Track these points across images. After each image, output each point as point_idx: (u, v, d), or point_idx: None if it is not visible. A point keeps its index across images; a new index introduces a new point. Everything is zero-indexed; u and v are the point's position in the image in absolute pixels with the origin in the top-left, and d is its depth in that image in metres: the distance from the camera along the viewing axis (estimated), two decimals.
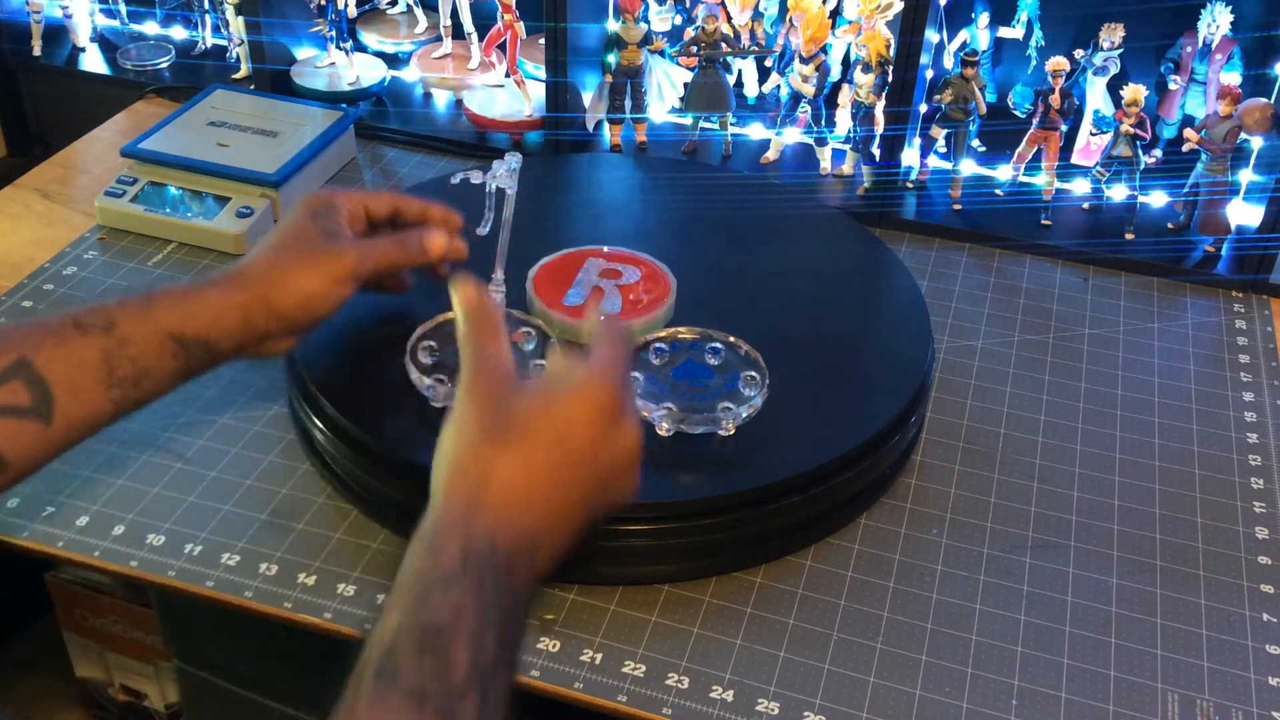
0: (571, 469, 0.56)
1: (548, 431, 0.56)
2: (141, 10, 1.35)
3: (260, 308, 0.69)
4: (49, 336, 0.63)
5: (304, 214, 0.74)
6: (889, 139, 1.06)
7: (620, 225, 0.98)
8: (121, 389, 0.64)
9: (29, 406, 0.61)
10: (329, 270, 0.71)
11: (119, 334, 0.64)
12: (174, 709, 1.11)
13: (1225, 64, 1.07)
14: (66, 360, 0.62)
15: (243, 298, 0.69)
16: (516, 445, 0.56)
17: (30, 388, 0.61)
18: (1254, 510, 0.80)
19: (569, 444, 0.56)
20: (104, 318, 0.64)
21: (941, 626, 0.71)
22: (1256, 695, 0.68)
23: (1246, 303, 1.00)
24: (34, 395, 0.61)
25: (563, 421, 0.57)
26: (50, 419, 0.62)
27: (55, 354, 0.62)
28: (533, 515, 0.55)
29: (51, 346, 0.62)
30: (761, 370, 0.77)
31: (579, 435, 0.57)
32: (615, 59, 1.11)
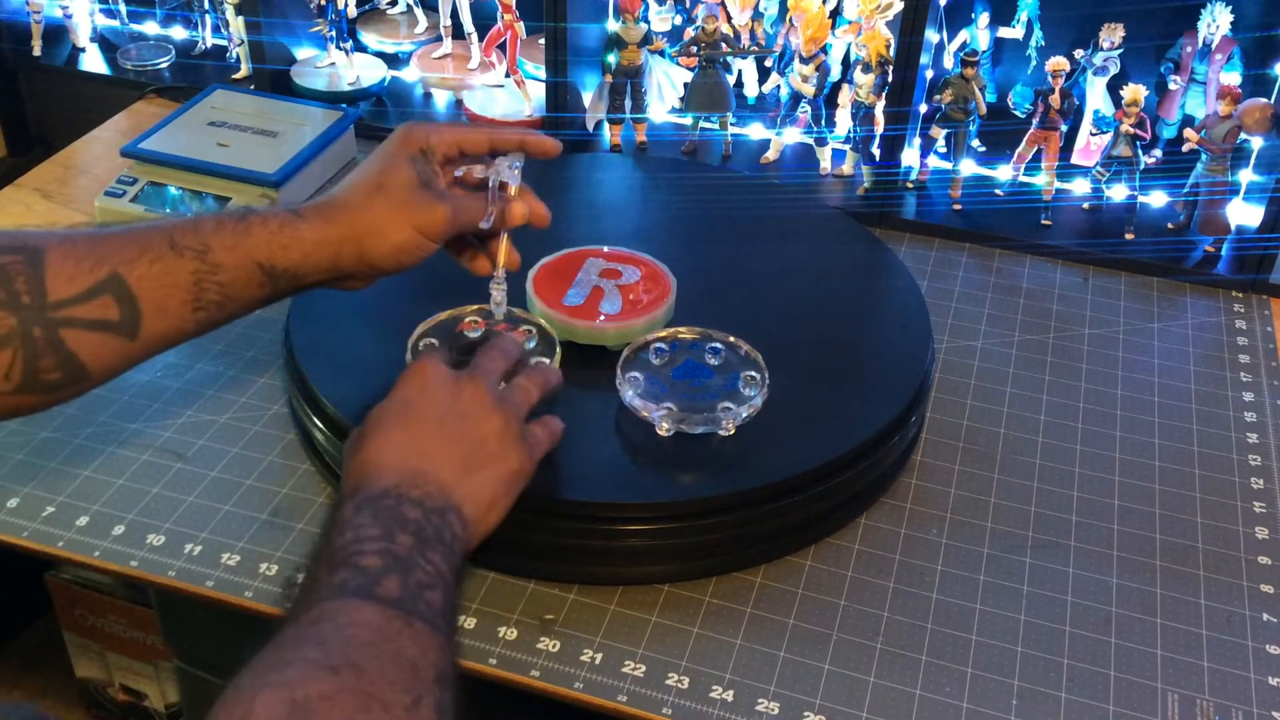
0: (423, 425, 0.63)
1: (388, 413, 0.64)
2: (141, 10, 1.35)
3: (352, 249, 0.69)
4: (145, 253, 0.63)
5: (403, 153, 0.72)
6: (889, 139, 1.06)
7: (620, 225, 0.98)
8: (206, 311, 0.66)
9: (117, 321, 0.63)
10: (424, 225, 0.70)
11: (212, 259, 0.65)
12: (174, 709, 1.11)
13: (1225, 64, 1.07)
14: (158, 280, 0.63)
15: (336, 234, 0.69)
16: (370, 432, 0.63)
17: (121, 304, 0.63)
18: (1254, 510, 0.80)
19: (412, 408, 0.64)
20: (199, 240, 0.65)
21: (941, 626, 0.71)
22: (1256, 695, 0.68)
23: (1246, 303, 1.00)
24: (123, 312, 0.63)
25: (400, 399, 0.65)
26: (135, 335, 0.64)
27: (148, 272, 0.63)
28: (405, 461, 0.61)
29: (146, 264, 0.63)
30: (761, 370, 0.77)
31: (418, 400, 0.64)
32: (615, 59, 1.11)
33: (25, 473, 0.79)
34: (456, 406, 0.64)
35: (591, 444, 0.75)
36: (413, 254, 0.71)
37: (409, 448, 0.62)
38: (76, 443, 0.81)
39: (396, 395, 0.65)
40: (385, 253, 0.70)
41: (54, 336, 0.61)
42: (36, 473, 0.79)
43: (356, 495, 0.59)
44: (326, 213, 0.70)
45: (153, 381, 0.86)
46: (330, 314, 0.84)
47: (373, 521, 0.56)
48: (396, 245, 0.70)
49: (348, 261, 0.70)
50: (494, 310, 0.79)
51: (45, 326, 0.61)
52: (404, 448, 0.62)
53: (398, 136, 0.73)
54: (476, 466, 0.63)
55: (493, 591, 0.71)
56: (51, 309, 0.61)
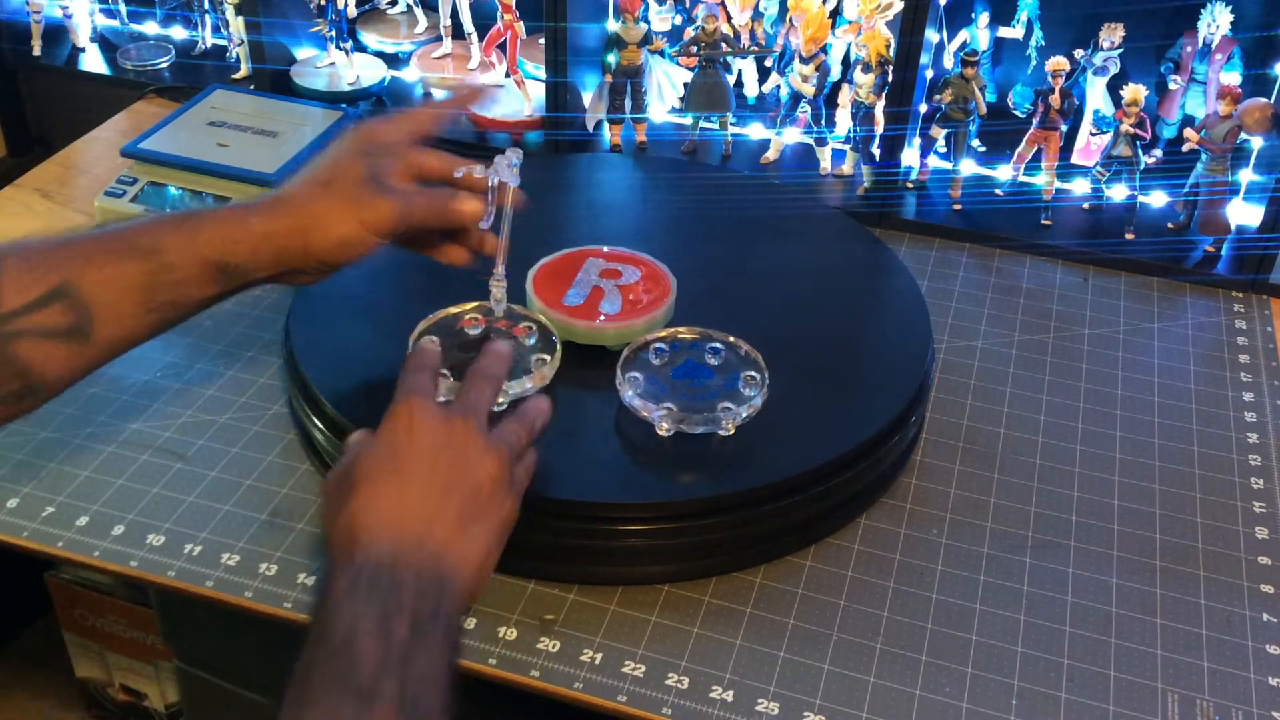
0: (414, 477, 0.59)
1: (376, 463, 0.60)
2: (141, 10, 1.35)
3: (298, 242, 0.70)
4: (94, 256, 0.64)
5: (353, 148, 0.73)
6: (889, 139, 1.06)
7: (620, 225, 0.98)
8: (159, 313, 0.66)
9: (68, 328, 0.63)
10: (367, 219, 0.70)
11: (164, 259, 0.65)
12: (174, 709, 1.11)
13: (1225, 64, 1.07)
14: (109, 284, 0.63)
15: (283, 227, 0.69)
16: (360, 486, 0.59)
17: (71, 311, 0.62)
18: (1254, 510, 0.80)
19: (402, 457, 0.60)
20: (153, 240, 0.65)
21: (941, 626, 0.71)
22: (1256, 695, 0.68)
23: (1246, 303, 1.00)
24: (74, 318, 0.63)
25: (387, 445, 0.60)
26: (88, 340, 0.63)
27: (99, 276, 0.63)
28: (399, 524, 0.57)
29: (96, 268, 0.63)
30: (761, 370, 0.77)
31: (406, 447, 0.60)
32: (615, 59, 1.11)
33: (25, 473, 0.79)
34: (448, 453, 0.60)
35: (591, 444, 0.75)
36: (357, 248, 0.71)
37: (401, 506, 0.58)
38: (76, 443, 0.81)
39: (383, 440, 0.61)
40: (330, 246, 0.70)
41: (5, 350, 0.61)
42: (36, 473, 0.79)
43: (349, 567, 0.55)
44: (274, 206, 0.70)
45: (152, 381, 0.86)
46: (330, 314, 0.84)
47: (367, 606, 0.53)
48: (340, 239, 0.70)
49: (294, 255, 0.70)
50: (494, 307, 0.79)
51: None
52: (396, 506, 0.58)
53: (349, 132, 0.75)
54: (470, 519, 0.59)
55: (493, 591, 0.71)
56: (3, 321, 0.61)
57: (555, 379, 0.77)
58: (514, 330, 0.79)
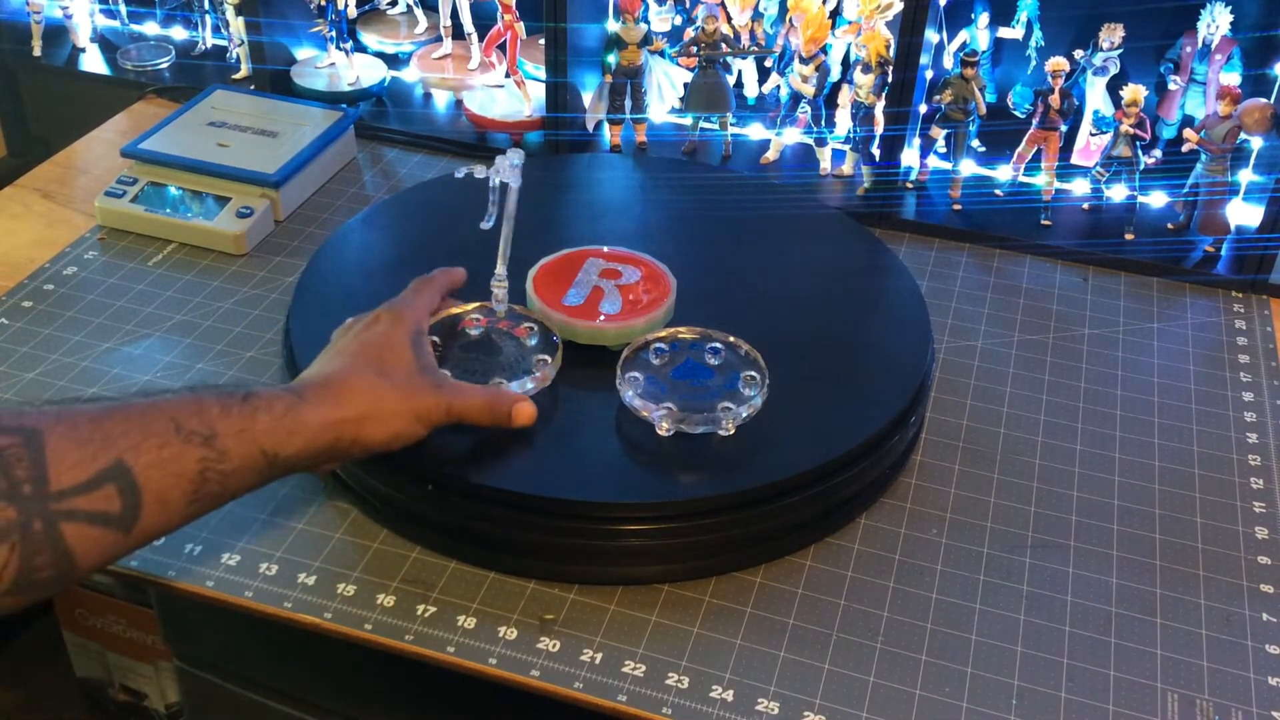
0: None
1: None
2: (141, 11, 1.35)
3: (351, 432, 0.66)
4: (150, 438, 0.58)
5: (402, 337, 0.71)
6: (889, 139, 1.06)
7: (620, 225, 0.98)
8: (200, 504, 0.61)
9: (118, 514, 0.57)
10: (422, 413, 0.69)
11: (219, 446, 0.60)
12: (174, 709, 1.11)
13: (1225, 64, 1.07)
14: (164, 469, 0.58)
15: (339, 417, 0.66)
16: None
17: (123, 496, 0.57)
18: (1254, 510, 0.80)
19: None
20: (205, 424, 0.60)
21: (941, 626, 0.71)
22: (1256, 695, 0.68)
23: (1246, 303, 1.00)
24: (125, 503, 0.57)
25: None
26: (133, 528, 0.58)
27: (154, 459, 0.58)
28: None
29: (152, 450, 0.58)
30: (761, 370, 0.77)
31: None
32: (615, 59, 1.11)
33: None
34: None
35: (591, 444, 0.75)
36: (406, 441, 0.69)
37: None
38: None
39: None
40: (382, 438, 0.68)
41: (53, 531, 0.55)
42: None
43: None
44: (329, 395, 0.66)
45: (152, 382, 0.86)
46: (330, 314, 0.84)
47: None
48: (395, 432, 0.68)
49: (344, 446, 0.66)
50: (495, 308, 0.79)
51: (46, 520, 0.54)
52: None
53: (390, 317, 0.72)
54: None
55: (493, 591, 0.71)
56: (54, 499, 0.55)
57: (555, 379, 0.77)
58: (515, 331, 0.79)
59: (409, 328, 0.72)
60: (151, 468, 0.58)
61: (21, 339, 0.90)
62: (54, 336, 0.90)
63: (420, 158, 1.16)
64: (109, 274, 0.98)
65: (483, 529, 0.72)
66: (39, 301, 0.94)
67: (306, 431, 0.64)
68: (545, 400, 0.75)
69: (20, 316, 0.92)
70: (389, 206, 1.00)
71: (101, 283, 0.97)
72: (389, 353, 0.70)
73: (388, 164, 1.16)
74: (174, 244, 1.02)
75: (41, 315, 0.93)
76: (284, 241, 1.03)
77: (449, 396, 0.70)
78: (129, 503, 0.57)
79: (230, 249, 1.00)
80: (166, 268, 0.99)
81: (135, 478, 0.57)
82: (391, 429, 0.68)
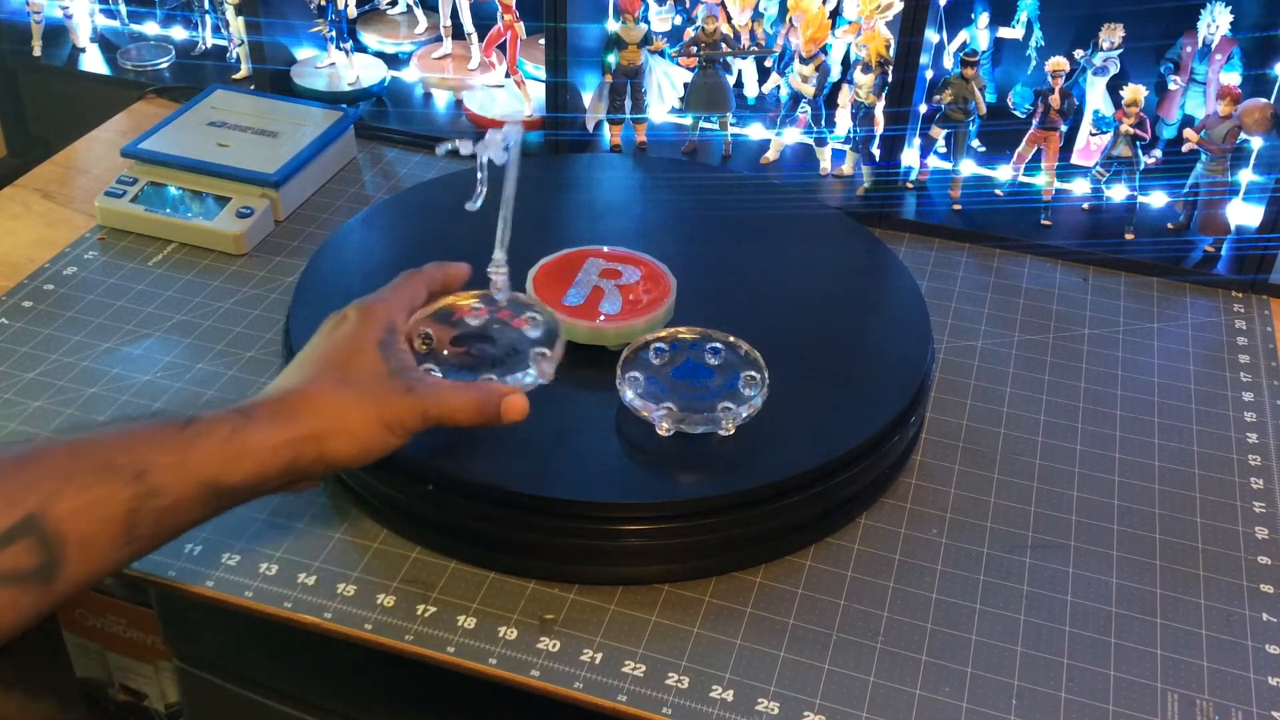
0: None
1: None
2: (141, 11, 1.35)
3: (311, 450, 0.61)
4: (72, 481, 0.53)
5: (369, 338, 0.65)
6: (889, 139, 1.06)
7: (620, 225, 0.98)
8: (137, 545, 0.56)
9: (34, 570, 0.52)
10: (393, 421, 0.63)
11: (151, 482, 0.55)
12: (174, 709, 1.11)
13: (1225, 64, 1.07)
14: (88, 514, 0.53)
15: (295, 434, 0.60)
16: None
17: (40, 548, 0.52)
18: (1254, 510, 0.80)
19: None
20: (135, 459, 0.55)
21: (941, 626, 0.71)
22: (1256, 695, 0.68)
23: (1246, 303, 1.00)
24: (43, 558, 0.52)
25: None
26: (54, 581, 0.53)
27: (75, 504, 0.53)
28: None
29: (72, 495, 0.53)
30: (761, 370, 0.77)
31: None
32: (615, 59, 1.11)
33: None
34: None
35: (591, 444, 0.75)
36: (379, 453, 0.64)
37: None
38: None
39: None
40: (349, 453, 0.62)
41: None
42: None
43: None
44: (283, 411, 0.60)
45: (153, 381, 0.86)
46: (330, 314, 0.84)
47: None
48: (364, 445, 0.62)
49: (304, 465, 0.61)
50: (496, 296, 0.76)
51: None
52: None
53: (357, 315, 0.66)
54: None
55: (493, 591, 0.71)
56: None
57: (555, 379, 0.77)
58: (516, 322, 0.75)
59: (378, 327, 0.66)
60: (73, 515, 0.53)
61: (21, 339, 0.90)
62: (54, 336, 0.90)
63: (420, 158, 1.16)
64: (109, 274, 0.98)
65: (483, 529, 0.72)
66: (39, 301, 0.94)
67: (257, 455, 0.59)
68: (545, 400, 0.75)
69: (20, 316, 0.92)
70: (389, 206, 1.00)
71: (101, 283, 0.97)
72: (354, 356, 0.64)
73: (388, 164, 1.16)
74: (174, 244, 1.02)
75: (41, 315, 0.93)
76: (284, 241, 1.03)
77: (424, 400, 0.64)
78: (47, 557, 0.52)
79: (230, 249, 1.00)
80: (166, 268, 0.99)
81: (53, 528, 0.52)
82: (359, 442, 0.62)
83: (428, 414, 0.64)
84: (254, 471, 0.59)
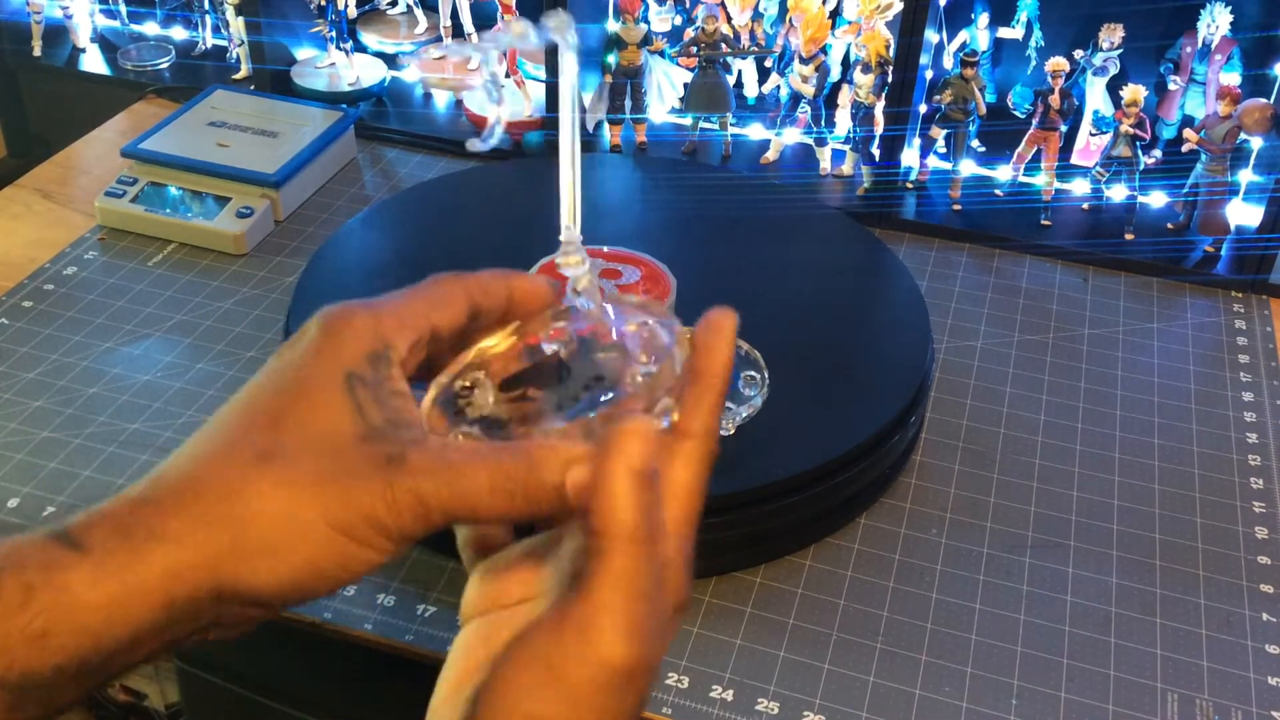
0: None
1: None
2: (141, 11, 1.35)
3: (207, 585, 0.35)
4: None
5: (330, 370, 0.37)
6: (889, 139, 1.06)
7: (620, 225, 0.98)
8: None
9: None
10: (365, 520, 0.36)
11: None
12: (174, 709, 1.11)
13: (1225, 64, 1.07)
14: None
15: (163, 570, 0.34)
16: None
17: None
18: (1254, 510, 0.80)
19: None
20: None
21: (941, 626, 0.71)
22: (1256, 695, 0.68)
23: (1246, 303, 1.00)
24: None
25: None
26: None
27: None
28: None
29: None
30: (761, 370, 0.77)
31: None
32: (615, 59, 1.11)
33: (25, 473, 0.79)
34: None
35: None
36: (336, 579, 0.36)
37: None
38: (76, 443, 0.81)
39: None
40: (276, 584, 0.36)
41: None
42: (36, 473, 0.79)
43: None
44: (141, 528, 0.35)
45: (153, 381, 0.86)
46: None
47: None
48: (308, 569, 0.36)
49: (202, 609, 0.36)
50: (574, 301, 0.44)
51: None
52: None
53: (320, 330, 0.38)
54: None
55: None
56: None
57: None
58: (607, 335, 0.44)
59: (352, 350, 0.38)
60: None
61: (21, 339, 0.90)
62: (54, 336, 0.90)
63: (420, 158, 1.16)
64: (109, 274, 0.98)
65: None
66: (39, 301, 0.94)
67: (80, 616, 0.34)
68: None
69: (20, 316, 0.92)
70: (389, 206, 1.00)
71: (101, 283, 0.97)
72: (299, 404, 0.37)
73: (388, 164, 1.16)
74: (174, 244, 1.02)
75: (41, 315, 0.93)
76: (284, 241, 1.03)
77: (419, 479, 0.36)
78: None
79: (230, 249, 1.00)
80: (166, 268, 0.99)
81: None
82: (297, 566, 0.35)
83: (426, 502, 0.36)
84: (87, 645, 0.34)
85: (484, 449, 0.37)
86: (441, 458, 0.37)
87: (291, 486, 0.35)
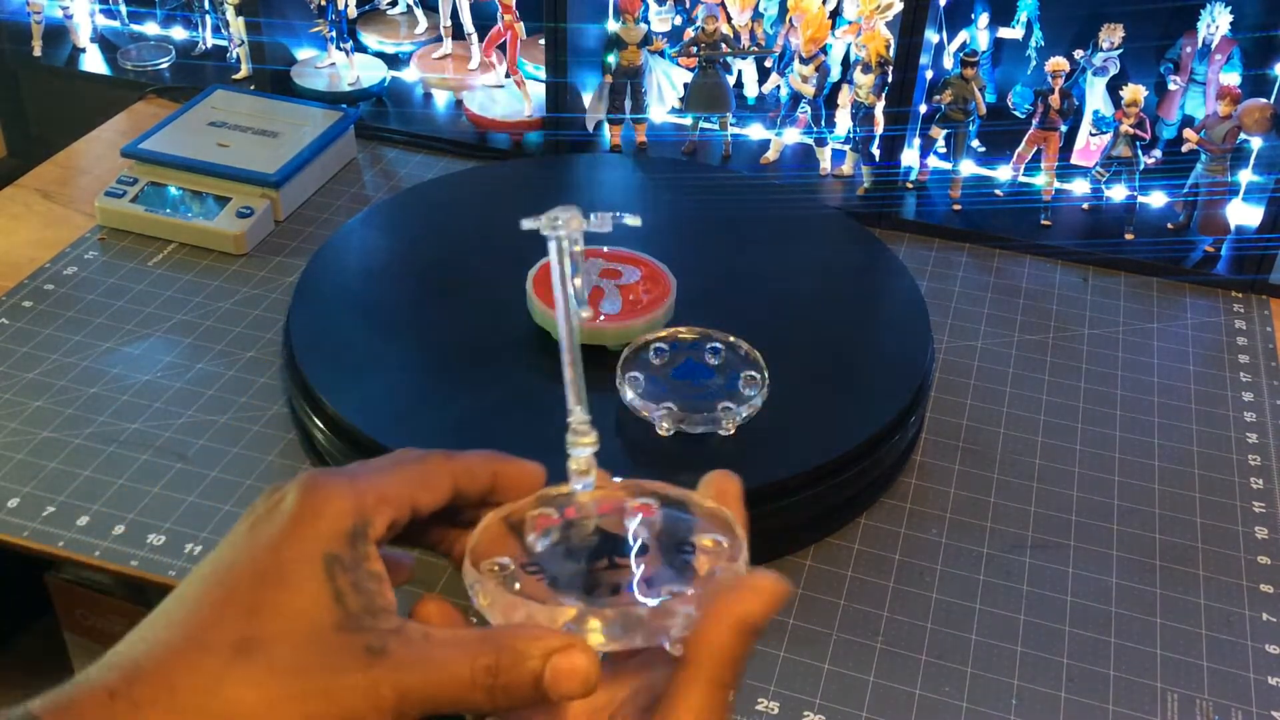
0: None
1: None
2: (142, 11, 1.35)
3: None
4: None
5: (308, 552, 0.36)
6: (889, 139, 1.06)
7: (620, 225, 0.98)
8: None
9: None
10: (355, 715, 0.35)
11: None
12: None
13: (1225, 64, 1.07)
14: None
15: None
16: None
17: None
18: (1254, 510, 0.80)
19: None
20: None
21: (941, 626, 0.71)
22: (1256, 695, 0.68)
23: (1246, 303, 1.00)
24: None
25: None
26: None
27: None
28: None
29: None
30: (761, 370, 0.77)
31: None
32: (615, 59, 1.11)
33: (25, 473, 0.79)
34: None
35: None
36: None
37: None
38: (76, 443, 0.81)
39: None
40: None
41: None
42: (36, 473, 0.79)
43: None
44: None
45: (153, 381, 0.86)
46: (330, 314, 0.84)
47: None
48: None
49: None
50: (576, 485, 0.46)
51: None
52: None
53: (298, 501, 0.37)
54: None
55: None
56: None
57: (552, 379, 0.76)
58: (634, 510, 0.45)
59: (329, 531, 0.36)
60: None
61: (21, 339, 0.90)
62: (54, 336, 0.90)
63: (420, 158, 1.16)
64: (109, 274, 0.98)
65: None
66: (39, 301, 0.94)
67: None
68: (544, 402, 0.75)
69: (20, 316, 0.92)
70: (389, 206, 1.00)
71: (101, 283, 0.97)
72: (274, 591, 0.35)
73: (388, 164, 1.16)
74: (174, 244, 1.02)
75: (41, 315, 0.93)
76: (284, 241, 1.03)
77: (401, 674, 0.35)
78: None
79: (230, 249, 1.00)
80: (166, 268, 0.99)
81: None
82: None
83: (407, 697, 0.35)
84: None
85: (467, 637, 0.37)
86: (423, 652, 0.36)
87: (269, 682, 0.34)
